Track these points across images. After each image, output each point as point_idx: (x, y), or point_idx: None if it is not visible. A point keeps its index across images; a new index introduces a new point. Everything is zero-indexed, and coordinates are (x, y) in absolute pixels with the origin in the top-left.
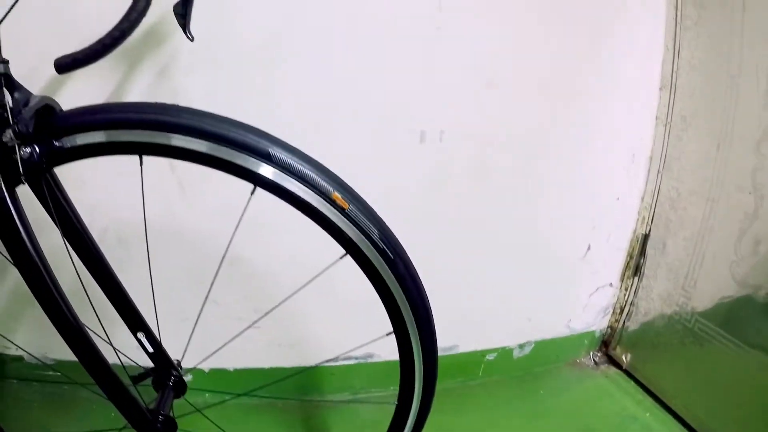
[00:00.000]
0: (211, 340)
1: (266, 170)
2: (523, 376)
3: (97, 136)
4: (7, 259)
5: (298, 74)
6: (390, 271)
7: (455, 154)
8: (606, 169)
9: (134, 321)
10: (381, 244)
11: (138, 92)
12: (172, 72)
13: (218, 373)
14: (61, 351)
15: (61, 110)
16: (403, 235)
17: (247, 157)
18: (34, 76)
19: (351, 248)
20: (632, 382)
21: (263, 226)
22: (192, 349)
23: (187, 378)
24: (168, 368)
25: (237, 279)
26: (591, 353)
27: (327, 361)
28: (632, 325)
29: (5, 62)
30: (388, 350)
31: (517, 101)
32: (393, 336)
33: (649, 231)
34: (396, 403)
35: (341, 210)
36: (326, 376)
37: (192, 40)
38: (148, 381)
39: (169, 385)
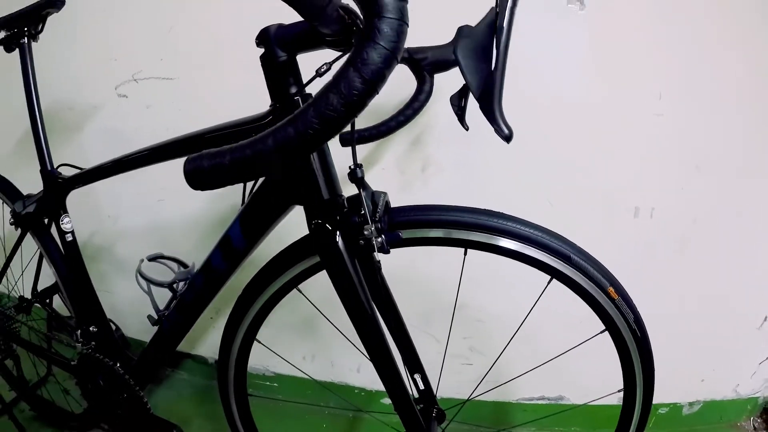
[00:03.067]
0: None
1: (564, 268)
2: None
3: (434, 233)
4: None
5: (533, 155)
6: (636, 345)
7: (662, 230)
8: None
9: (414, 365)
10: (634, 326)
11: (391, 157)
12: (425, 142)
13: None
14: (278, 366)
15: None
16: None
17: (551, 257)
18: None
19: (611, 327)
20: None
21: (488, 282)
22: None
23: None
24: (433, 402)
25: (458, 322)
26: (752, 419)
27: (524, 398)
28: None
29: (360, 167)
30: (577, 396)
31: (719, 185)
32: (581, 382)
33: None
34: None
35: (612, 300)
36: (519, 411)
37: (467, 129)
38: None
39: (433, 415)
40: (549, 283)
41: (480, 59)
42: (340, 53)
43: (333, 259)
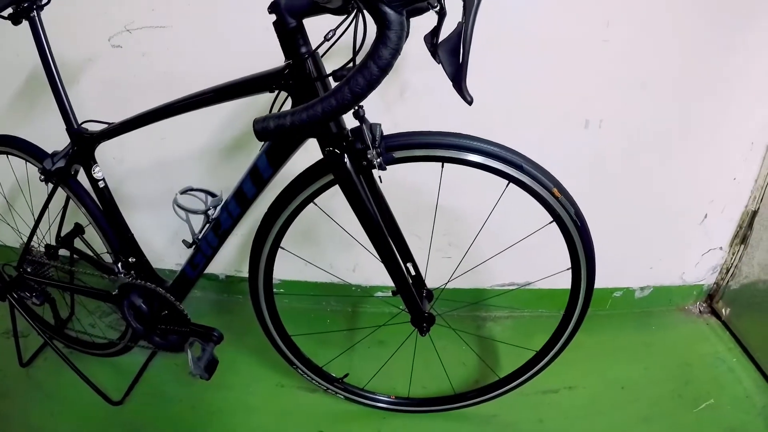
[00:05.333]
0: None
1: (518, 175)
2: (641, 313)
3: (419, 153)
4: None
5: (496, 77)
6: (577, 234)
7: (610, 138)
8: (728, 155)
9: (406, 255)
10: (575, 218)
11: None
12: (401, 70)
13: None
14: (284, 273)
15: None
16: None
17: (508, 167)
18: None
19: (557, 219)
20: (727, 333)
21: (464, 185)
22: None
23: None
24: (422, 285)
25: (438, 221)
26: (697, 303)
27: (497, 284)
28: (734, 285)
29: (361, 107)
30: (543, 282)
31: (661, 99)
32: (544, 270)
33: (758, 208)
34: (563, 313)
35: (556, 198)
36: (492, 295)
37: (438, 62)
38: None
39: (423, 295)
40: (507, 186)
41: (452, 56)
42: (342, 18)
43: (344, 176)
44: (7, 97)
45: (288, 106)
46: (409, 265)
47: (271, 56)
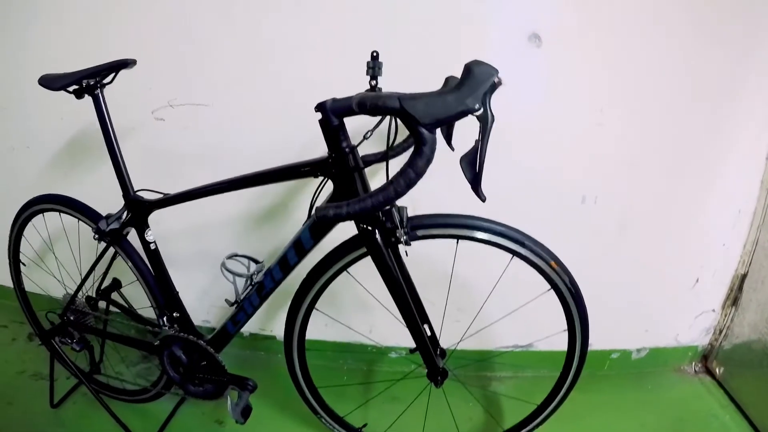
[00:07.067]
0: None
1: (521, 250)
2: (637, 374)
3: (438, 231)
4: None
5: (504, 164)
6: (573, 300)
7: (605, 212)
8: (717, 223)
9: (423, 318)
10: (570, 286)
11: (394, 168)
12: None
13: None
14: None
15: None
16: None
17: (511, 243)
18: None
19: (554, 287)
20: (722, 391)
21: (472, 258)
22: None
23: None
24: (437, 344)
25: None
26: (693, 363)
27: (502, 347)
28: (726, 345)
29: None
30: (544, 344)
31: (653, 175)
32: (545, 333)
33: (747, 271)
34: (562, 369)
35: (554, 269)
36: (496, 356)
37: (453, 150)
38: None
39: (438, 353)
40: (511, 260)
41: (471, 166)
42: (378, 119)
43: (376, 250)
44: (50, 157)
45: (327, 189)
46: (425, 326)
47: (303, 139)
